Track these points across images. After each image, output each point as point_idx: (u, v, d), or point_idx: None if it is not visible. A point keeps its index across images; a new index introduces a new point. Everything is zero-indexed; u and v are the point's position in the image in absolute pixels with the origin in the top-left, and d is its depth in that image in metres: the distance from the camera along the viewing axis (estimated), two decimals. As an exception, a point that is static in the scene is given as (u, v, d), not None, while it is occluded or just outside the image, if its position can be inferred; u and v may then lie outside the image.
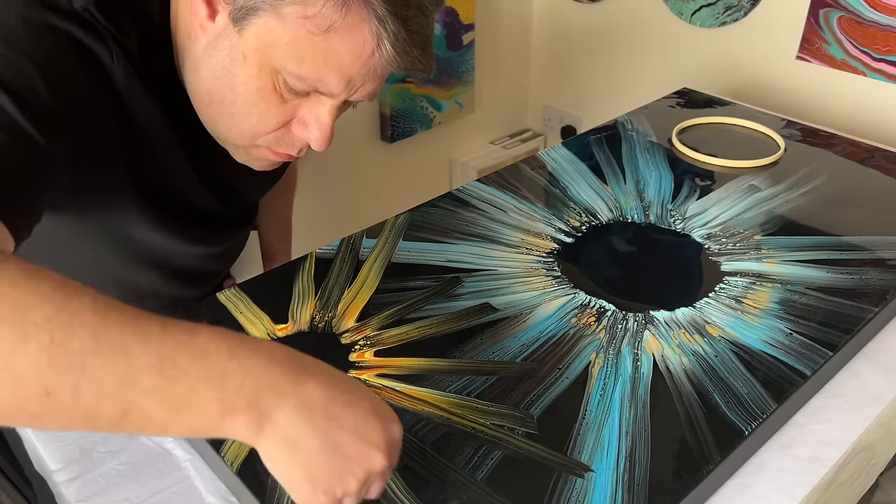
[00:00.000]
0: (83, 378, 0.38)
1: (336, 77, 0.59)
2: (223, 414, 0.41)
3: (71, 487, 0.60)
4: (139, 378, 0.39)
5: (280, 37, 0.57)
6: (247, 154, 0.67)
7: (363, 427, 0.45)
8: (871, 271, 0.78)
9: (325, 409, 0.44)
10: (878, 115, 1.36)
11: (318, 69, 0.58)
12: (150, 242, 0.72)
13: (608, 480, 0.56)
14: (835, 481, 0.62)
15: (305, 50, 0.57)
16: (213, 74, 0.61)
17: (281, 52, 0.57)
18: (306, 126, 0.63)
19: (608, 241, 0.85)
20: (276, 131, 0.63)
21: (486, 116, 1.96)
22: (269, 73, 0.59)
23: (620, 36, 1.75)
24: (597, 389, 0.64)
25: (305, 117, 0.63)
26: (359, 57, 0.58)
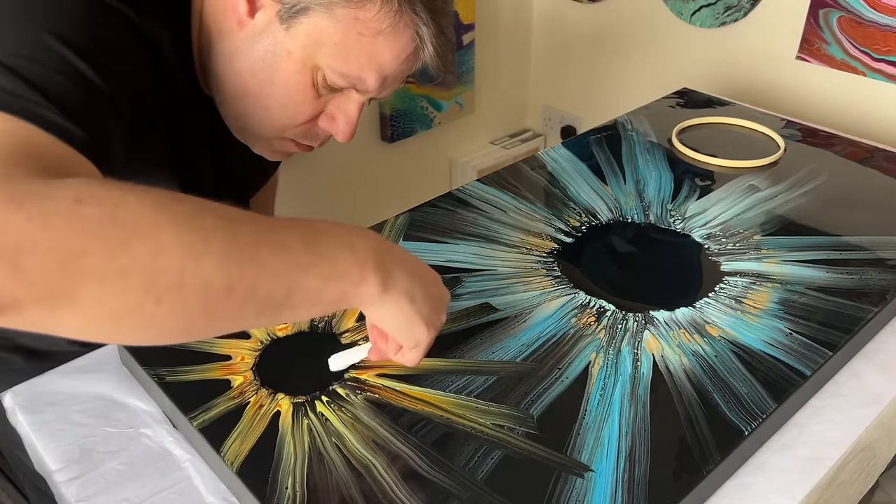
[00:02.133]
0: (258, 268, 0.43)
1: (375, 76, 0.63)
2: (361, 276, 0.49)
3: (71, 487, 0.60)
4: (299, 258, 0.45)
5: (329, 36, 0.61)
6: (269, 145, 0.70)
7: (433, 277, 0.57)
8: (871, 271, 0.78)
9: (412, 266, 0.54)
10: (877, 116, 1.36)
11: (362, 68, 0.63)
12: None
13: (608, 480, 0.56)
14: (835, 481, 0.62)
15: (352, 49, 0.61)
16: (252, 68, 0.64)
17: (328, 50, 0.62)
18: (334, 120, 0.68)
19: (608, 241, 0.85)
20: (304, 124, 0.67)
21: (486, 116, 1.96)
22: (311, 69, 0.63)
23: (620, 36, 1.75)
24: (597, 389, 0.64)
25: (334, 112, 0.67)
26: (398, 58, 0.63)
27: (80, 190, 0.39)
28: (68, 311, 0.38)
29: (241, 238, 0.43)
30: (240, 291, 0.42)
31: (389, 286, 0.51)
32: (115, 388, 0.69)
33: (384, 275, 0.50)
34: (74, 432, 0.64)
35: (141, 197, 0.40)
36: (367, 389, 0.64)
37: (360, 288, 0.49)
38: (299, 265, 0.45)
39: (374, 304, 0.51)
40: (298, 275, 0.45)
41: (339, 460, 0.58)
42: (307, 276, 0.46)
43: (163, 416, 0.66)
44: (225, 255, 0.42)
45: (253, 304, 0.44)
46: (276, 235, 0.45)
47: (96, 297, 0.38)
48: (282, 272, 0.44)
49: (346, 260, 0.48)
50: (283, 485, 0.56)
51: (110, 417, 0.66)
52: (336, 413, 0.62)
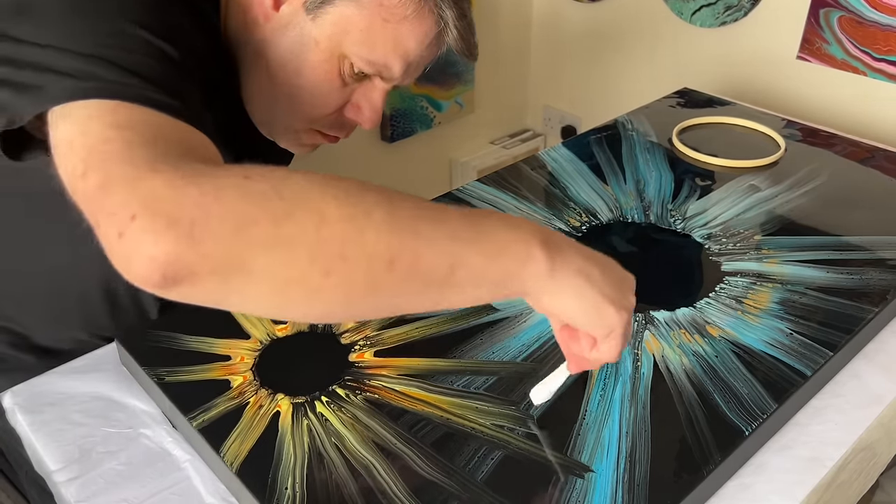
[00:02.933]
0: (419, 240, 0.43)
1: (401, 62, 0.64)
2: (527, 252, 0.46)
3: (70, 488, 0.60)
4: (460, 233, 0.44)
5: (356, 24, 0.62)
6: (297, 138, 0.71)
7: (608, 260, 0.51)
8: (872, 271, 0.78)
9: (583, 247, 0.50)
10: (878, 115, 1.36)
11: (388, 54, 0.63)
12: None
13: (608, 481, 0.56)
14: (835, 481, 0.62)
15: (378, 36, 0.62)
16: (280, 59, 0.64)
17: (354, 38, 0.62)
18: (360, 109, 0.68)
19: (608, 241, 0.84)
20: (332, 114, 0.68)
21: (486, 116, 1.95)
22: (338, 57, 0.64)
23: (620, 36, 1.75)
24: (597, 390, 0.64)
25: (359, 101, 0.68)
26: (422, 43, 0.64)
27: (247, 168, 0.41)
28: (238, 282, 0.40)
29: (401, 212, 0.43)
30: (401, 265, 0.42)
31: (559, 264, 0.47)
32: (115, 389, 0.69)
33: (553, 251, 0.47)
34: (74, 432, 0.64)
35: (305, 175, 0.42)
36: (366, 390, 0.64)
37: (527, 266, 0.46)
38: (461, 239, 0.44)
39: (546, 288, 0.47)
40: (461, 249, 0.44)
41: (339, 461, 0.58)
42: (470, 251, 0.44)
43: (162, 417, 0.66)
44: (387, 228, 0.42)
45: (415, 279, 0.43)
46: (435, 212, 0.45)
47: (264, 266, 0.39)
48: (443, 247, 0.44)
49: (510, 235, 0.46)
50: (283, 485, 0.56)
51: (110, 418, 0.66)
52: (336, 413, 0.62)
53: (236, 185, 0.40)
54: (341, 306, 0.43)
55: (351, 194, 0.42)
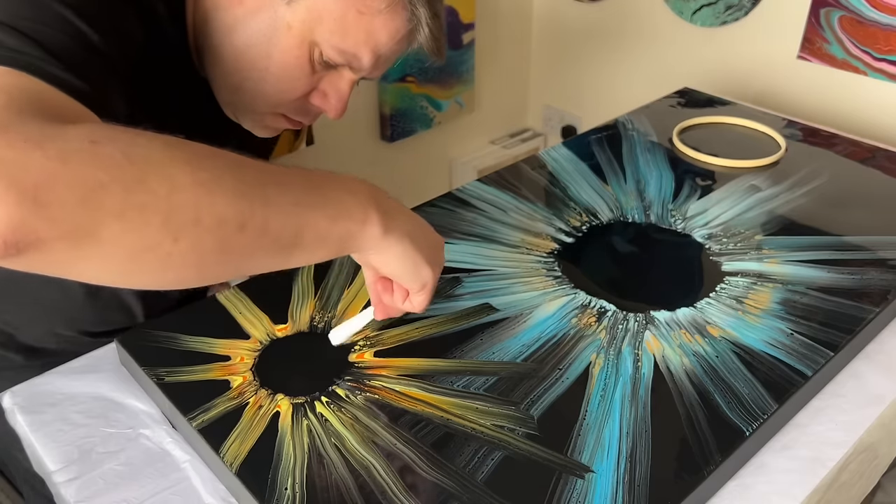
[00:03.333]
0: (269, 206, 0.45)
1: (370, 54, 0.65)
2: (364, 215, 0.51)
3: (70, 488, 0.59)
4: (305, 198, 0.48)
5: (330, 12, 0.62)
6: (261, 120, 0.71)
7: (425, 224, 0.59)
8: (873, 271, 0.78)
9: (407, 211, 0.57)
10: (879, 115, 1.36)
11: (359, 45, 0.64)
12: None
13: (608, 481, 0.56)
14: (836, 482, 0.62)
15: (351, 27, 0.63)
16: (249, 41, 0.64)
17: (327, 27, 0.63)
18: (326, 97, 0.69)
19: (609, 241, 0.84)
20: (298, 100, 0.68)
21: (486, 116, 1.95)
22: (309, 44, 0.64)
23: (621, 35, 1.75)
24: (597, 390, 0.64)
25: (326, 89, 0.68)
26: (393, 38, 0.65)
27: (94, 131, 0.41)
28: (89, 249, 0.39)
29: (249, 178, 0.45)
30: (252, 228, 0.44)
31: (391, 227, 0.53)
32: (115, 389, 0.69)
33: (385, 216, 0.53)
34: (73, 433, 0.64)
35: (152, 139, 0.42)
36: (366, 390, 0.64)
37: (364, 227, 0.52)
38: (306, 204, 0.48)
39: (377, 247, 0.53)
40: (307, 213, 0.48)
41: (339, 461, 0.58)
42: (315, 214, 0.48)
43: (162, 417, 0.66)
44: (237, 193, 0.43)
45: (265, 241, 0.45)
46: (281, 177, 0.47)
47: (116, 233, 0.39)
48: (291, 210, 0.46)
49: (349, 200, 0.51)
50: (283, 485, 0.56)
51: (109, 418, 0.66)
52: (336, 414, 0.62)
53: (83, 149, 0.39)
54: (194, 271, 0.44)
55: (201, 158, 0.43)
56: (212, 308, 0.74)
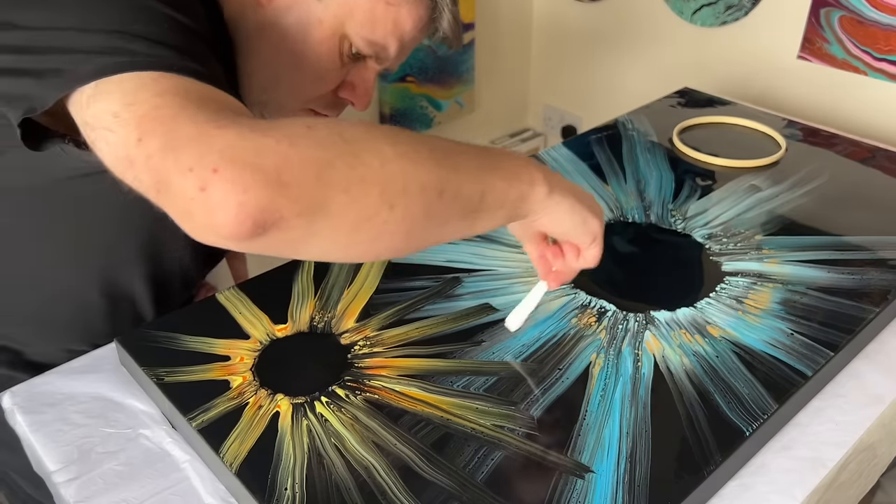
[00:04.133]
0: (459, 172, 0.49)
1: (397, 43, 0.67)
2: (531, 177, 0.55)
3: (70, 488, 0.59)
4: (485, 163, 0.52)
5: (360, 5, 0.65)
6: (292, 115, 0.70)
7: (571, 182, 0.60)
8: (873, 271, 0.78)
9: (558, 174, 0.59)
10: (879, 115, 1.36)
11: (387, 36, 0.66)
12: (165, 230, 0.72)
13: (608, 481, 0.56)
14: (836, 482, 0.62)
15: (379, 18, 0.65)
16: (281, 37, 0.66)
17: (358, 19, 0.65)
18: (354, 89, 0.71)
19: (609, 241, 0.84)
20: (328, 94, 0.70)
21: (486, 116, 1.95)
22: (340, 37, 0.66)
23: (621, 35, 1.75)
24: (597, 390, 0.64)
25: (354, 80, 0.70)
26: (417, 26, 0.67)
27: (305, 119, 0.45)
28: (321, 223, 0.43)
29: (437, 150, 0.49)
30: (448, 193, 0.48)
31: (554, 185, 0.56)
32: (114, 389, 0.69)
33: (548, 176, 0.56)
34: (73, 433, 0.64)
35: (349, 122, 0.46)
36: (366, 390, 0.64)
37: (534, 188, 0.55)
38: (487, 168, 0.52)
39: (546, 207, 0.56)
40: (488, 176, 0.51)
41: (339, 461, 0.58)
42: (494, 177, 0.52)
43: (162, 417, 0.66)
44: (433, 162, 0.47)
45: (458, 205, 0.49)
46: (460, 147, 0.51)
47: (343, 206, 0.43)
48: (476, 175, 0.50)
49: (517, 163, 0.55)
50: (283, 486, 0.56)
51: (109, 418, 0.66)
52: (335, 414, 0.62)
53: (304, 133, 0.43)
54: (403, 239, 0.48)
55: (395, 134, 0.47)
56: (212, 308, 0.74)
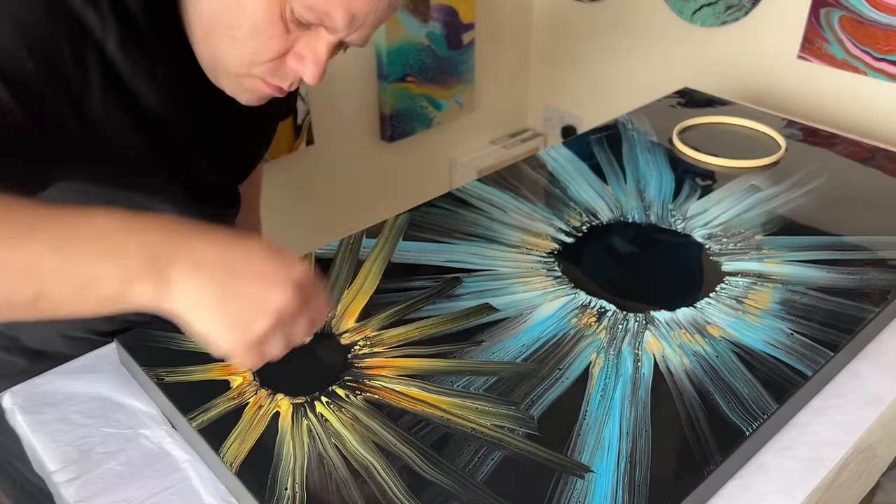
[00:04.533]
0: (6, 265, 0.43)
1: (342, 12, 0.60)
2: (124, 285, 0.45)
3: (70, 488, 0.59)
4: (43, 262, 0.44)
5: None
6: (238, 84, 0.68)
7: (259, 271, 0.48)
8: (873, 271, 0.78)
9: (219, 262, 0.47)
10: (879, 115, 1.36)
11: (328, 2, 0.60)
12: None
13: (608, 481, 0.56)
14: (835, 482, 0.62)
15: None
16: (208, 3, 0.62)
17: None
18: (302, 59, 0.64)
19: (609, 241, 0.84)
20: (272, 61, 0.65)
21: (486, 116, 1.95)
22: (280, 1, 0.61)
23: (621, 35, 1.75)
24: (597, 390, 0.64)
25: (302, 51, 0.64)
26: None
27: None
28: None
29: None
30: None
31: (169, 293, 0.46)
32: (114, 389, 0.69)
33: (158, 283, 0.46)
34: (73, 433, 0.64)
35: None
36: (366, 390, 0.64)
37: (130, 295, 0.46)
38: (44, 269, 0.44)
39: (162, 306, 0.47)
40: (44, 278, 0.44)
41: (339, 461, 0.58)
42: (54, 281, 0.45)
43: (162, 417, 0.66)
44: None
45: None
46: (28, 232, 0.45)
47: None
48: (21, 274, 0.44)
49: (106, 269, 0.45)
50: (283, 486, 0.56)
51: (109, 418, 0.66)
52: (336, 414, 0.62)
53: None
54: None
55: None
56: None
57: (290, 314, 0.50)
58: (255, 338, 0.49)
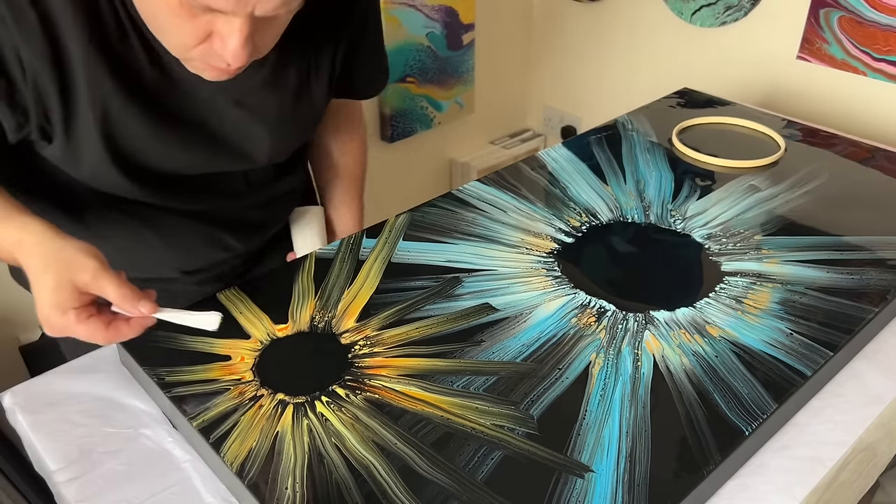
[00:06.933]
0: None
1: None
2: (10, 256, 0.63)
3: (70, 488, 0.60)
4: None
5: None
6: (191, 66, 0.68)
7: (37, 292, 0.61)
8: (872, 271, 0.78)
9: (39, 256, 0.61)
10: (878, 115, 1.36)
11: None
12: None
13: (608, 481, 0.56)
14: (835, 481, 0.62)
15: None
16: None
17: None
18: (223, 40, 0.63)
19: (608, 241, 0.84)
20: (201, 45, 0.64)
21: (486, 116, 1.96)
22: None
23: (620, 36, 1.75)
24: (597, 390, 0.64)
25: (221, 31, 0.63)
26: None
27: None
28: None
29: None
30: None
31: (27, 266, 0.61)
32: (115, 389, 0.69)
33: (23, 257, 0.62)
34: (74, 433, 0.64)
35: None
36: (367, 390, 0.64)
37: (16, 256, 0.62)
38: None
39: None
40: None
41: (339, 461, 0.58)
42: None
43: (162, 417, 0.66)
44: None
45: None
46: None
47: None
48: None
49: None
50: (283, 485, 0.56)
51: (110, 418, 0.66)
52: (336, 413, 0.62)
53: None
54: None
55: None
56: (212, 308, 0.74)
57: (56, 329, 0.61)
58: (50, 316, 0.60)
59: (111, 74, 0.67)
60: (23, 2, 0.62)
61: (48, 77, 0.65)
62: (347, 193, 0.99)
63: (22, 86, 0.65)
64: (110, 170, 0.72)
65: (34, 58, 0.64)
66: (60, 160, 0.72)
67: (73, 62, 0.65)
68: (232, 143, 0.77)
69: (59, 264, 0.60)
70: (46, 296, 0.59)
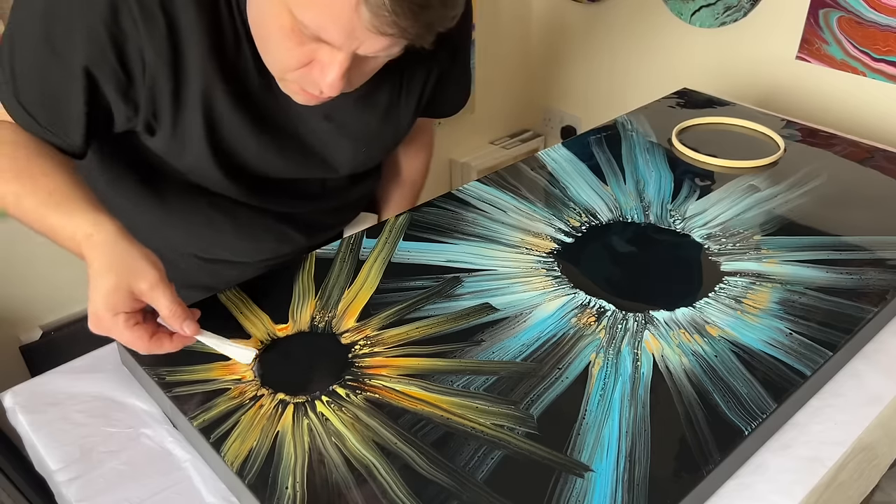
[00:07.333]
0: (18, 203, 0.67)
1: (334, 28, 0.60)
2: (75, 245, 0.64)
3: (71, 488, 0.60)
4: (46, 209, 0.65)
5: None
6: (284, 86, 0.72)
7: (91, 298, 0.63)
8: (871, 271, 0.78)
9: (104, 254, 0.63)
10: (877, 116, 1.36)
11: (318, 18, 0.60)
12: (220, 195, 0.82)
13: (608, 480, 0.56)
14: (835, 481, 0.63)
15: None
16: (253, 12, 0.67)
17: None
18: (323, 70, 0.66)
19: (608, 241, 0.85)
20: (298, 70, 0.67)
21: (486, 116, 1.96)
22: (288, 13, 0.62)
23: (620, 36, 1.75)
24: (597, 389, 0.64)
25: (323, 60, 0.65)
26: (341, 15, 0.59)
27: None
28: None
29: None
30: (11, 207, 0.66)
31: (89, 262, 0.63)
32: (116, 388, 0.69)
33: (86, 250, 0.63)
34: (75, 432, 0.64)
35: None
36: (367, 389, 0.64)
37: (82, 248, 0.63)
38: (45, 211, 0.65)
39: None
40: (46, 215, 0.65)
41: (340, 460, 0.58)
42: (50, 216, 0.65)
43: (163, 416, 0.66)
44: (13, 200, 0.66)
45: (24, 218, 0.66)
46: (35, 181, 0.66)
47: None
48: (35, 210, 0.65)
49: (63, 232, 0.65)
50: (284, 485, 0.56)
51: (110, 417, 0.66)
52: (336, 413, 0.62)
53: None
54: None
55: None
56: (213, 307, 0.74)
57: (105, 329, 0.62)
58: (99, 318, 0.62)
59: (223, 79, 0.71)
60: (154, 7, 0.65)
61: (165, 77, 0.68)
62: (405, 199, 1.07)
63: (139, 83, 0.68)
64: (210, 166, 0.76)
65: (156, 59, 0.67)
66: (162, 151, 0.75)
67: (189, 66, 0.69)
68: (319, 153, 0.82)
69: (121, 268, 0.61)
70: (102, 295, 0.60)
